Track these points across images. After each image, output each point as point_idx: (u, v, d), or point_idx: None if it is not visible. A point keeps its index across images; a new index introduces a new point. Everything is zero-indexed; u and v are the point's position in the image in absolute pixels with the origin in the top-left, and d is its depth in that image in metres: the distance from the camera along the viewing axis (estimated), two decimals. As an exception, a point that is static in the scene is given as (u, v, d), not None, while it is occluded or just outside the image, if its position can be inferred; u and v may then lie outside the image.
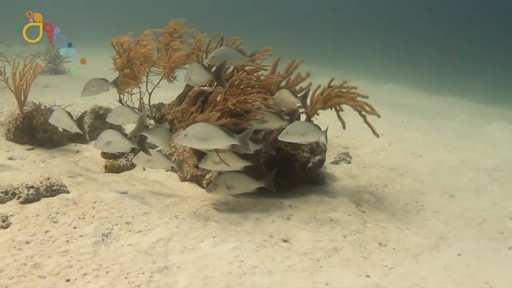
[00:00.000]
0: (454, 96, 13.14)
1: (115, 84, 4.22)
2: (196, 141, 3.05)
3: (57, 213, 2.98)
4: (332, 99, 3.67)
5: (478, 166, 5.74)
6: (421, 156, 5.84)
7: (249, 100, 3.29)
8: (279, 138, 3.38)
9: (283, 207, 3.57)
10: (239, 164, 3.42)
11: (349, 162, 5.08)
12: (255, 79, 3.51)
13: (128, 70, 4.77)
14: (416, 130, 7.58)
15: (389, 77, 14.88)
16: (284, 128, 3.98)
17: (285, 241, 3.02)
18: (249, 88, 3.47)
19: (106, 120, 4.10)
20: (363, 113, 3.63)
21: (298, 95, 3.80)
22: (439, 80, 15.86)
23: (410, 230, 3.54)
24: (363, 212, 3.76)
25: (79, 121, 3.86)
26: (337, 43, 23.82)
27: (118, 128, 5.28)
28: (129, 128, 5.59)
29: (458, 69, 18.05)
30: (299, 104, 3.85)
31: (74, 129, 3.86)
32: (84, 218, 2.94)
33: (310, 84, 4.27)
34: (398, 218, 3.75)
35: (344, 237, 3.20)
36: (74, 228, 2.79)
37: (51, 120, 3.98)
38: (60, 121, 3.90)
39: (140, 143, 3.42)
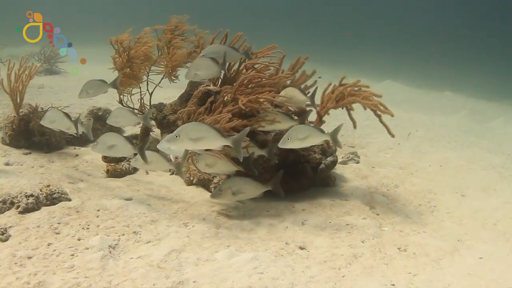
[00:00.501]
0: (452, 91, 13.08)
1: (114, 86, 4.05)
2: (188, 142, 2.87)
3: (59, 223, 2.80)
4: (345, 98, 3.50)
5: (486, 164, 5.66)
6: (431, 165, 5.72)
7: (261, 99, 3.10)
8: (279, 145, 3.16)
9: (296, 212, 3.41)
10: (230, 168, 3.27)
11: (358, 162, 4.94)
12: (265, 77, 3.31)
13: (128, 69, 4.58)
14: (420, 127, 7.47)
15: (386, 73, 14.80)
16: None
17: (302, 248, 2.86)
18: (257, 88, 3.27)
19: (107, 121, 3.96)
20: (378, 112, 3.47)
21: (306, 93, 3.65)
22: (437, 75, 15.85)
23: (427, 232, 3.41)
24: (377, 214, 3.62)
25: (76, 122, 3.69)
26: (333, 40, 23.71)
27: (118, 130, 5.11)
28: (129, 130, 5.43)
29: (456, 64, 18.01)
30: (307, 103, 3.70)
31: (73, 130, 3.69)
32: (88, 229, 2.76)
33: (316, 81, 4.12)
34: (413, 220, 3.62)
35: (363, 242, 3.05)
36: (79, 240, 2.60)
37: (43, 122, 3.80)
38: (57, 122, 3.72)
39: (140, 149, 3.23)
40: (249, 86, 3.29)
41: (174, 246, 2.60)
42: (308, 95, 3.67)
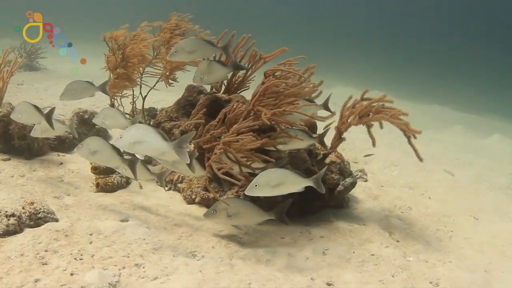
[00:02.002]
0: (440, 105, 13.03)
1: (102, 90, 3.63)
2: (128, 144, 2.57)
3: (46, 250, 2.36)
4: (370, 114, 3.17)
5: (493, 184, 5.49)
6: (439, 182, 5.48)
7: (287, 113, 2.71)
8: (246, 192, 2.68)
9: (314, 239, 3.05)
10: (195, 173, 2.88)
11: (366, 180, 4.64)
12: (287, 86, 2.89)
13: (122, 69, 4.14)
14: (417, 142, 7.22)
15: (372, 84, 14.65)
16: (311, 148, 3.49)
17: (329, 284, 2.51)
18: (280, 98, 2.88)
19: (93, 121, 3.59)
20: (408, 133, 3.16)
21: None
22: (423, 88, 15.85)
23: (452, 263, 3.14)
24: (397, 241, 3.32)
25: (48, 116, 3.30)
26: (318, 49, 23.57)
27: (104, 132, 4.70)
28: (115, 133, 4.96)
29: (442, 78, 18.13)
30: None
31: (44, 124, 3.33)
32: (81, 259, 2.33)
33: (321, 92, 3.81)
34: (435, 248, 3.34)
35: (393, 276, 2.73)
36: (72, 275, 2.17)
37: (13, 116, 3.37)
38: (26, 116, 3.32)
39: (130, 164, 2.80)
40: (269, 96, 2.90)
41: (187, 285, 2.20)
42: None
